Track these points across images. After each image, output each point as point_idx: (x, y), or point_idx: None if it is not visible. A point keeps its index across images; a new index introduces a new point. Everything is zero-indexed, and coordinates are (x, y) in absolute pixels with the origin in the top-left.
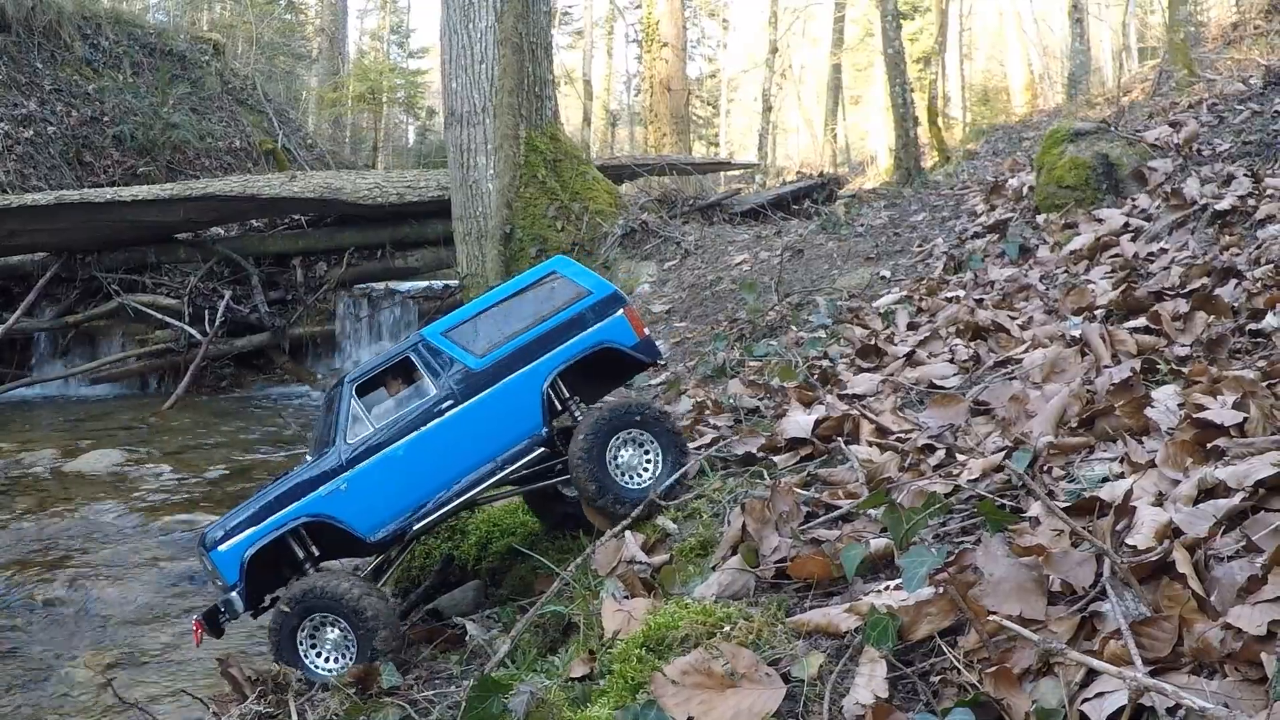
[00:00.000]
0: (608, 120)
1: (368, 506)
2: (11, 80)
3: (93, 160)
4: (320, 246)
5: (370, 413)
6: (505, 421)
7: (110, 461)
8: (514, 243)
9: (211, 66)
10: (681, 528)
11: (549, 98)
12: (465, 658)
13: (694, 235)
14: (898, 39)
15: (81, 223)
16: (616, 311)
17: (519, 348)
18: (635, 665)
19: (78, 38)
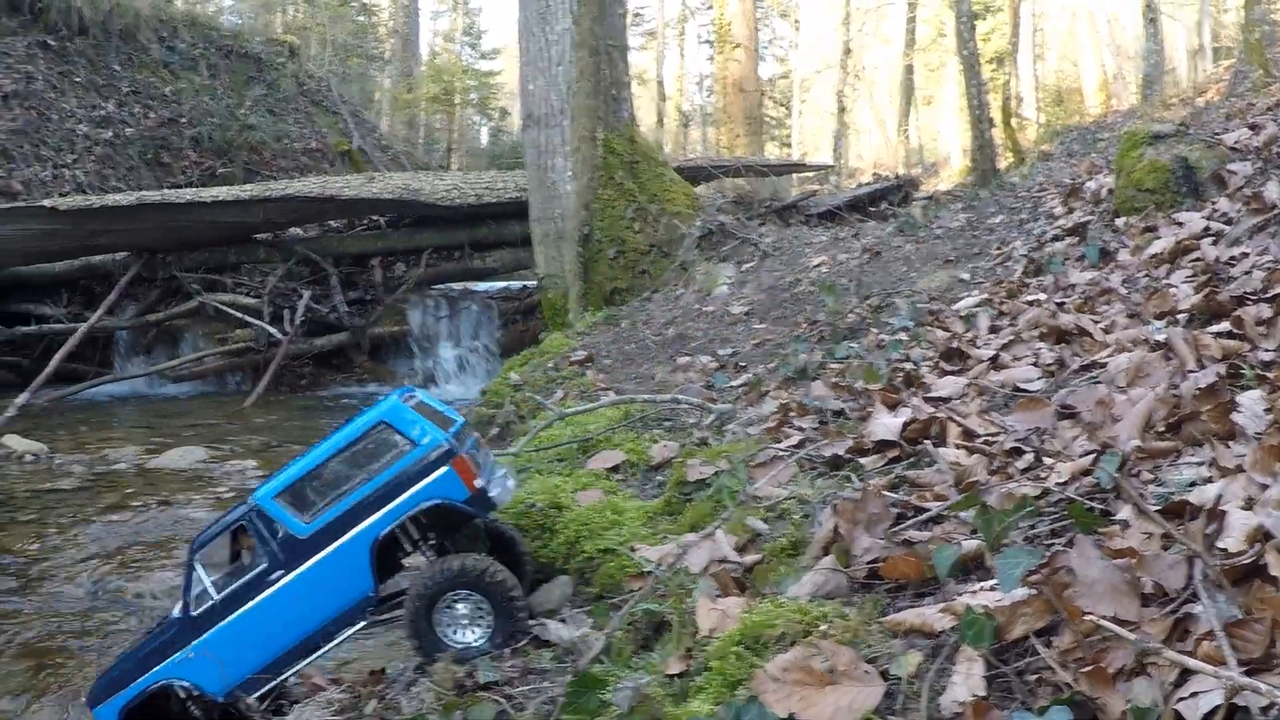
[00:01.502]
0: (680, 121)
1: (216, 671)
2: (90, 83)
3: (170, 161)
4: (399, 247)
5: (214, 577)
6: (335, 587)
7: (194, 458)
8: (592, 244)
9: (287, 68)
10: (772, 528)
11: (626, 100)
12: (559, 654)
13: (771, 237)
14: (972, 40)
15: (162, 223)
16: (444, 466)
17: (344, 511)
18: (733, 662)
19: (154, 40)
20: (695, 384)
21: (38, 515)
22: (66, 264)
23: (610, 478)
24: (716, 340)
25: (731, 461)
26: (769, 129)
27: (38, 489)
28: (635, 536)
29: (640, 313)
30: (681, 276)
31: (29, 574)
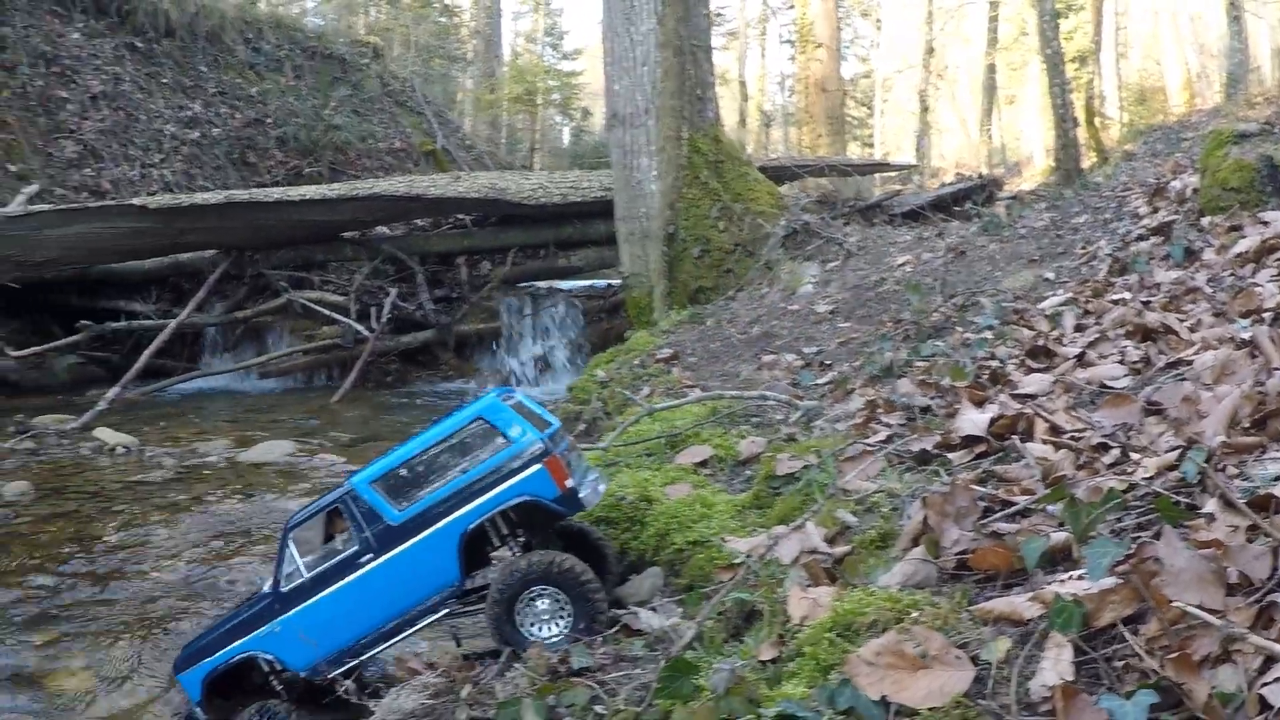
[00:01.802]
0: (762, 121)
1: (298, 648)
2: (177, 84)
3: (256, 161)
4: (485, 245)
5: (306, 557)
6: (421, 575)
7: (282, 452)
8: (677, 243)
9: (371, 69)
10: (861, 521)
11: (710, 99)
12: (650, 642)
13: (855, 236)
14: (1056, 39)
15: (250, 221)
16: (538, 464)
17: (437, 502)
18: (826, 648)
19: (240, 42)
20: (781, 381)
21: (130, 505)
22: (156, 261)
23: (699, 472)
24: (801, 339)
25: (821, 456)
26: (851, 129)
27: (129, 480)
28: (725, 529)
29: (725, 311)
30: (766, 275)
31: (123, 561)
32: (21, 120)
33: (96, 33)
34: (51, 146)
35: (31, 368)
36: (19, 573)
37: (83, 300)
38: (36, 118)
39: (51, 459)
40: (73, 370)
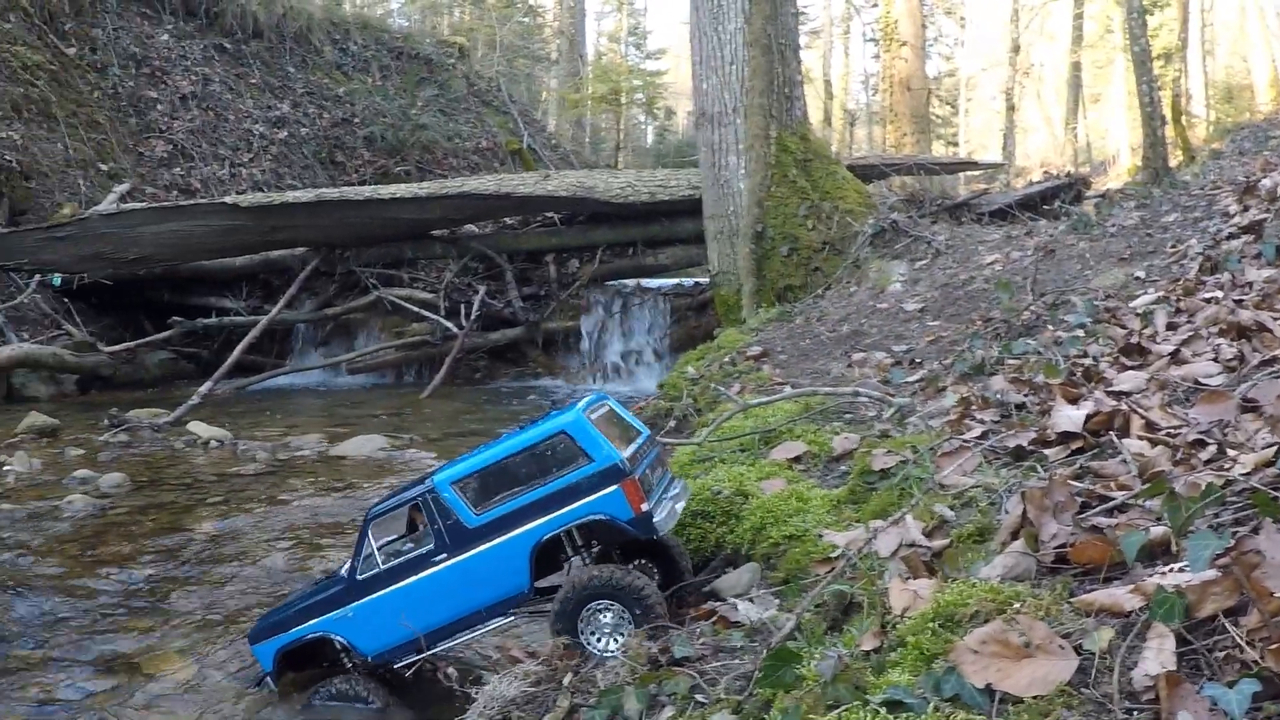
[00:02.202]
0: (846, 120)
1: (369, 634)
2: (265, 84)
3: (344, 160)
4: (573, 244)
5: (383, 547)
6: (492, 579)
7: (375, 446)
8: (765, 241)
9: (457, 69)
10: (959, 515)
11: (798, 98)
12: (748, 633)
13: (944, 235)
14: (1144, 36)
15: (340, 219)
16: (614, 485)
17: (513, 510)
18: (929, 638)
19: (327, 43)
20: (871, 379)
21: (225, 497)
22: (247, 258)
23: (793, 468)
24: (891, 337)
25: (916, 451)
26: (935, 128)
27: (224, 472)
28: (820, 523)
29: (813, 309)
30: (854, 274)
31: (218, 550)
32: (113, 120)
33: (185, 34)
34: (142, 146)
35: (124, 363)
36: (116, 561)
37: (174, 297)
38: (127, 118)
39: (145, 452)
40: (164, 366)
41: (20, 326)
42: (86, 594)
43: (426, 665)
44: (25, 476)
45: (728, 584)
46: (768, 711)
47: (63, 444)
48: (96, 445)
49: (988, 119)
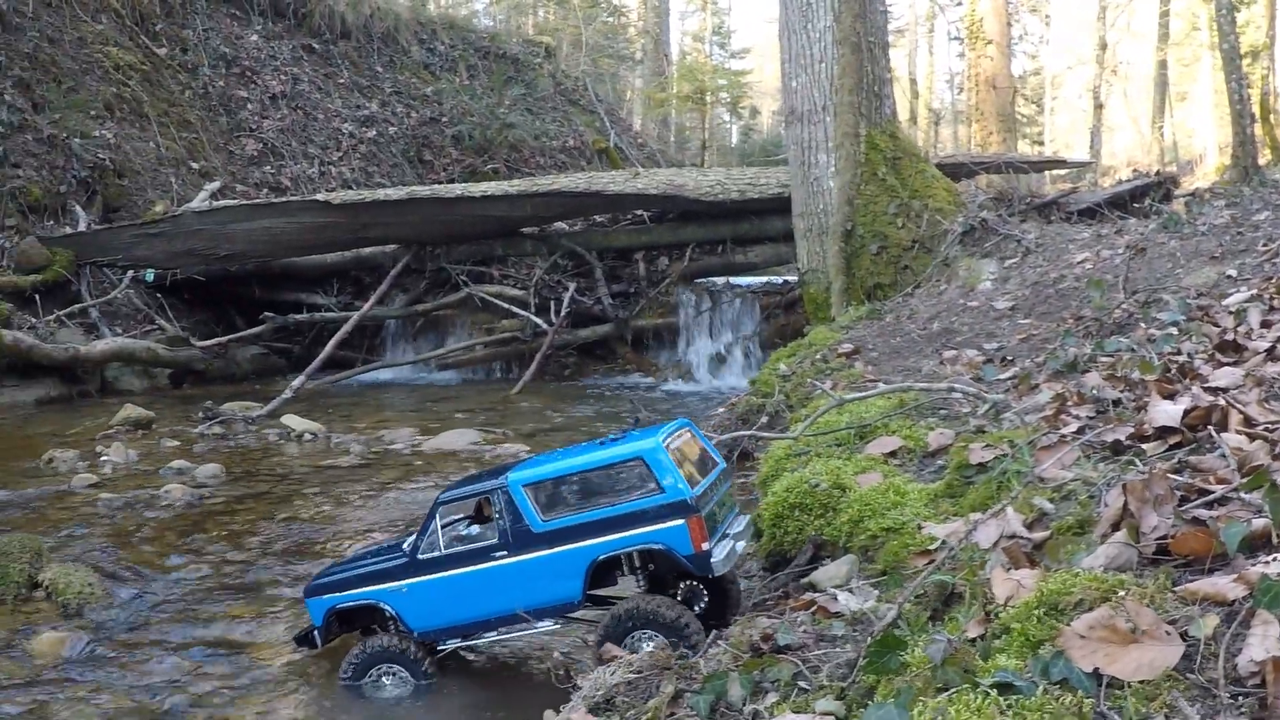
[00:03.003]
0: (930, 119)
1: (419, 611)
2: (353, 83)
3: (432, 159)
4: (662, 241)
5: (447, 530)
6: (547, 584)
7: (467, 440)
8: (854, 239)
9: (544, 68)
10: (1058, 508)
11: (887, 96)
12: (848, 623)
13: (1033, 233)
14: (1233, 33)
15: (431, 216)
16: (680, 519)
17: (579, 524)
18: (1035, 625)
19: (414, 42)
20: (963, 377)
21: (321, 489)
22: (337, 255)
23: (888, 462)
24: (982, 335)
25: (1014, 446)
26: (1020, 126)
27: (319, 465)
28: (918, 516)
29: (903, 307)
30: (944, 272)
31: (314, 539)
32: (203, 119)
33: (274, 35)
34: (232, 145)
35: (215, 357)
36: (215, 549)
37: (265, 292)
38: (218, 117)
39: (240, 444)
40: (255, 361)
41: (114, 321)
42: (185, 580)
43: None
44: (122, 466)
45: (826, 575)
46: (870, 698)
47: (158, 436)
48: (191, 437)
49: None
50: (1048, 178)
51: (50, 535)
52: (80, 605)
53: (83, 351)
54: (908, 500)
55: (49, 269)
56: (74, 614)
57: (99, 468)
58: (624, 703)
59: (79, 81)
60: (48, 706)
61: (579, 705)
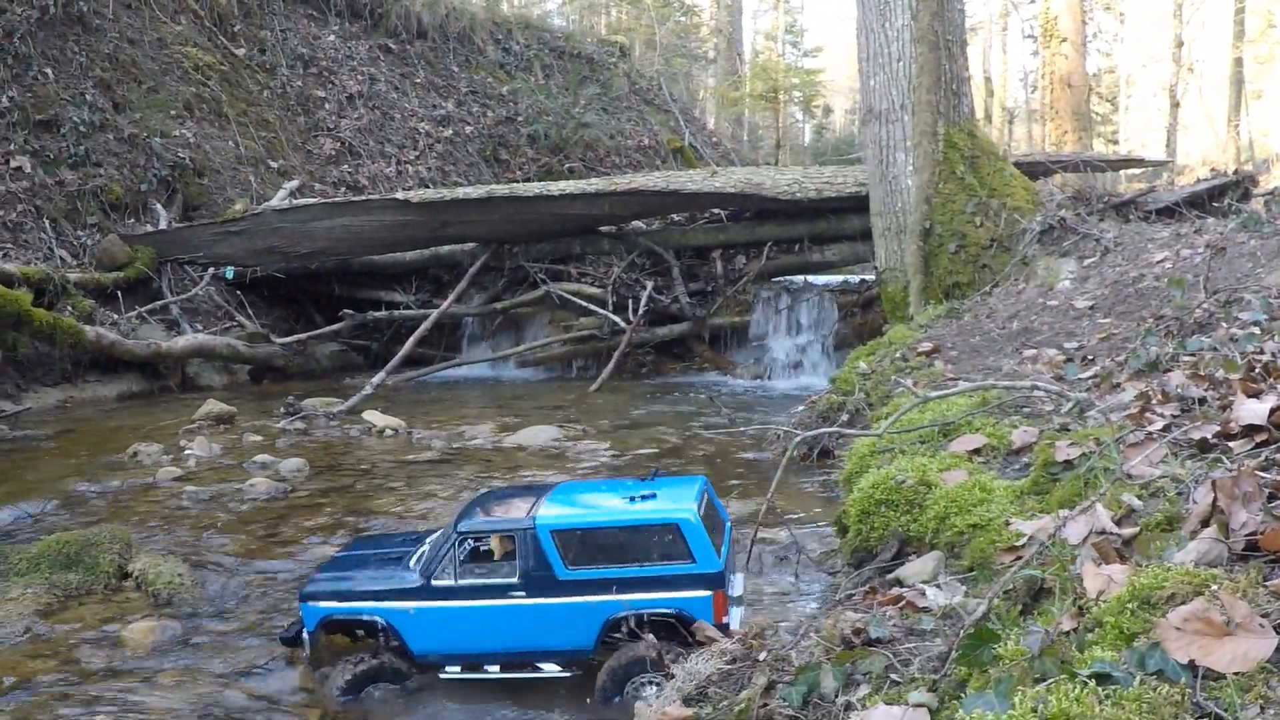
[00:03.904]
0: (1004, 117)
1: (425, 636)
2: (430, 83)
3: (508, 158)
4: (739, 240)
5: (464, 562)
6: (561, 631)
7: (547, 437)
8: (932, 238)
9: (619, 68)
10: (1146, 504)
11: (965, 94)
12: (939, 617)
13: (1112, 232)
14: None
15: (510, 215)
16: (707, 591)
17: (603, 579)
18: (1128, 618)
19: (490, 42)
20: (1044, 376)
21: (404, 483)
22: (417, 253)
23: (972, 460)
24: (1061, 334)
25: (1100, 443)
26: (1094, 125)
27: (401, 460)
28: (1004, 513)
29: (982, 306)
30: (1022, 271)
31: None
32: (282, 119)
33: (351, 35)
34: (310, 144)
35: (295, 354)
36: (299, 541)
37: (344, 290)
38: (296, 116)
39: (322, 439)
40: (334, 357)
41: (194, 318)
42: (272, 571)
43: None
44: (206, 460)
45: (912, 571)
46: (963, 690)
47: (240, 430)
48: (273, 432)
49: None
50: (1122, 177)
51: (137, 527)
52: (170, 595)
53: (164, 347)
54: (993, 497)
55: (131, 266)
56: (164, 603)
57: (183, 461)
58: (716, 694)
59: (159, 82)
60: (141, 692)
61: (673, 696)
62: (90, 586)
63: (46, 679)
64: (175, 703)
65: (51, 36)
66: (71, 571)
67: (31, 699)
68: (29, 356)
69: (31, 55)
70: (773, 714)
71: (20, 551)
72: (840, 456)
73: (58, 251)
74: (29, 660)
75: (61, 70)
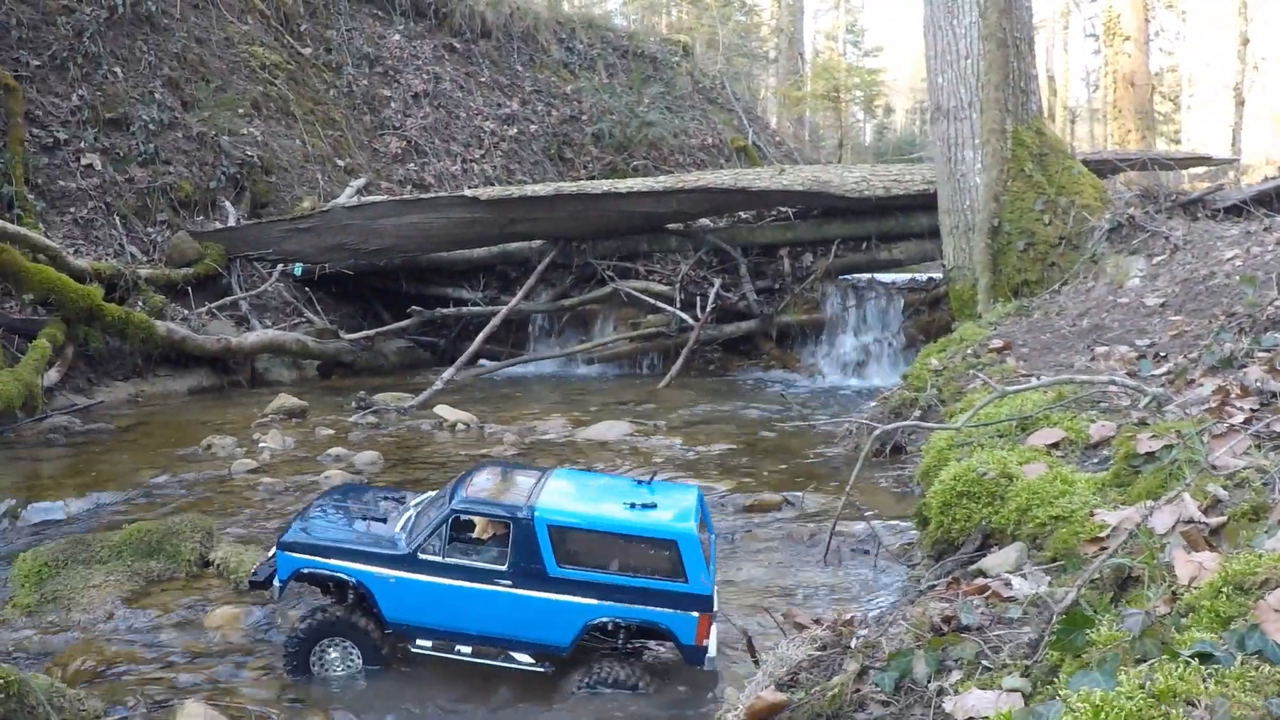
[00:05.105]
0: (1066, 117)
1: (401, 605)
2: (494, 82)
3: (573, 156)
4: (807, 238)
5: (453, 541)
6: (540, 626)
7: (620, 431)
8: (1001, 236)
9: (682, 67)
10: (1232, 495)
11: (1033, 92)
12: (1027, 606)
13: (1181, 230)
14: None
15: (577, 212)
16: (695, 612)
17: (591, 582)
18: (1224, 602)
19: (553, 41)
20: (1117, 372)
21: None
22: (485, 250)
23: (1051, 453)
24: (1133, 331)
25: (1183, 435)
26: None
27: (474, 453)
28: (1087, 504)
29: (1051, 304)
30: (1091, 269)
31: None
32: (348, 117)
33: (416, 35)
34: (376, 142)
35: (363, 350)
36: None
37: (411, 286)
38: (362, 115)
39: (394, 433)
40: (402, 353)
41: (263, 314)
42: None
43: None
44: (280, 453)
45: (994, 562)
46: (1054, 676)
47: (312, 424)
48: (345, 426)
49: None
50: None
51: (214, 517)
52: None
53: (234, 343)
54: (1075, 489)
55: (201, 262)
56: (245, 591)
57: (257, 454)
58: (808, 679)
59: (227, 81)
60: (227, 676)
61: (766, 682)
62: (172, 574)
63: (132, 663)
64: (261, 686)
65: (120, 36)
66: (153, 559)
67: (119, 681)
68: (100, 351)
69: (101, 55)
70: (865, 699)
71: (102, 539)
72: (912, 453)
73: (128, 248)
74: (113, 645)
75: (130, 69)
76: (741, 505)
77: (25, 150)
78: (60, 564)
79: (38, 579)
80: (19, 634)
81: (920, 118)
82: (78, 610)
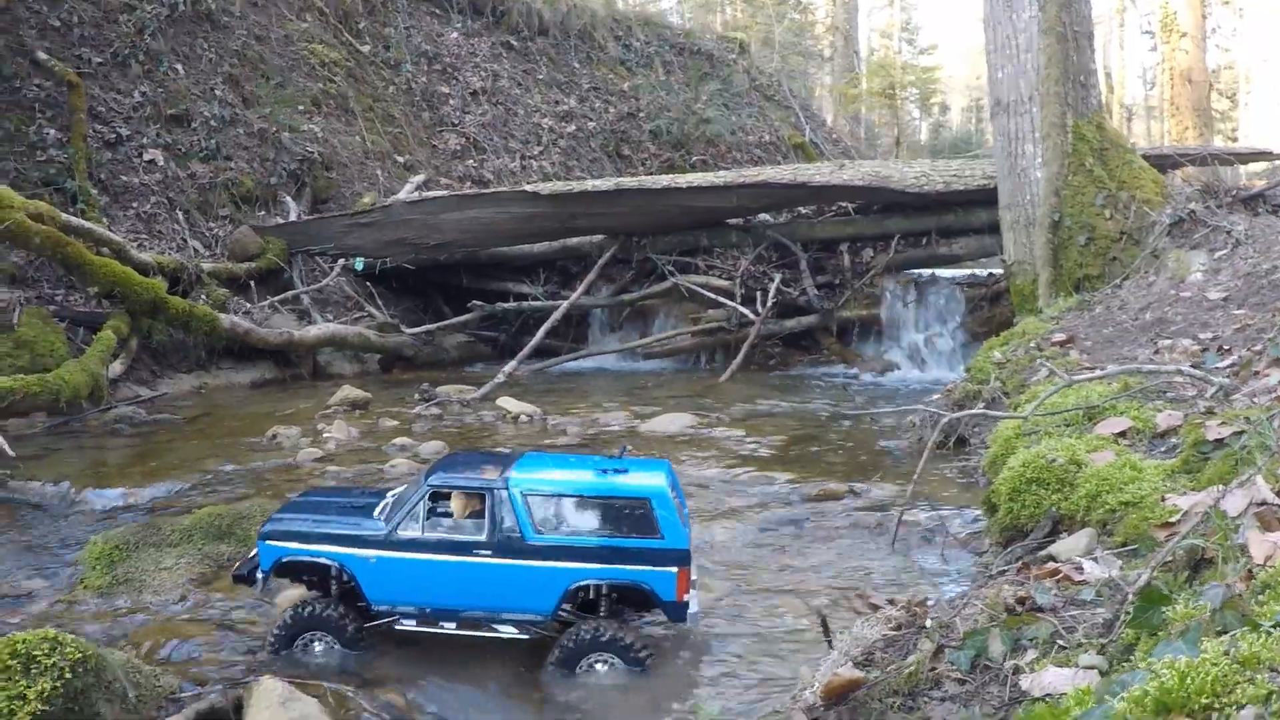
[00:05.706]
0: (1123, 114)
1: (383, 585)
2: (552, 80)
3: (631, 153)
4: (867, 233)
5: (431, 515)
6: (523, 594)
7: (683, 424)
8: (1061, 230)
9: (738, 64)
10: None
11: (1093, 86)
12: (1100, 588)
13: (1242, 225)
14: None
15: (638, 207)
16: (673, 568)
17: (570, 546)
18: None
19: (610, 39)
20: (1182, 365)
21: None
22: (545, 245)
23: (1118, 442)
24: (1196, 325)
25: (1253, 421)
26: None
27: (538, 444)
28: (1157, 490)
29: (1113, 298)
30: (1152, 264)
31: None
32: (407, 114)
33: (474, 32)
34: (435, 139)
35: (424, 344)
36: None
37: (471, 281)
38: (421, 112)
39: (458, 424)
40: (462, 347)
41: (325, 308)
42: None
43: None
44: (345, 443)
45: (1065, 548)
46: (1129, 655)
47: (375, 415)
48: (408, 417)
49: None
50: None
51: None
52: None
53: (297, 336)
54: (1144, 475)
55: (263, 257)
56: None
57: (323, 443)
58: (883, 658)
59: (286, 78)
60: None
61: (842, 660)
62: (242, 557)
63: (205, 643)
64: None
65: (181, 34)
66: (224, 543)
67: (192, 659)
68: (164, 344)
69: (162, 52)
70: (941, 677)
71: (172, 524)
72: (975, 445)
73: (190, 242)
74: (187, 625)
75: (191, 66)
76: (807, 495)
77: (89, 146)
78: (131, 547)
79: (109, 561)
80: (92, 613)
81: (976, 115)
82: (149, 592)
